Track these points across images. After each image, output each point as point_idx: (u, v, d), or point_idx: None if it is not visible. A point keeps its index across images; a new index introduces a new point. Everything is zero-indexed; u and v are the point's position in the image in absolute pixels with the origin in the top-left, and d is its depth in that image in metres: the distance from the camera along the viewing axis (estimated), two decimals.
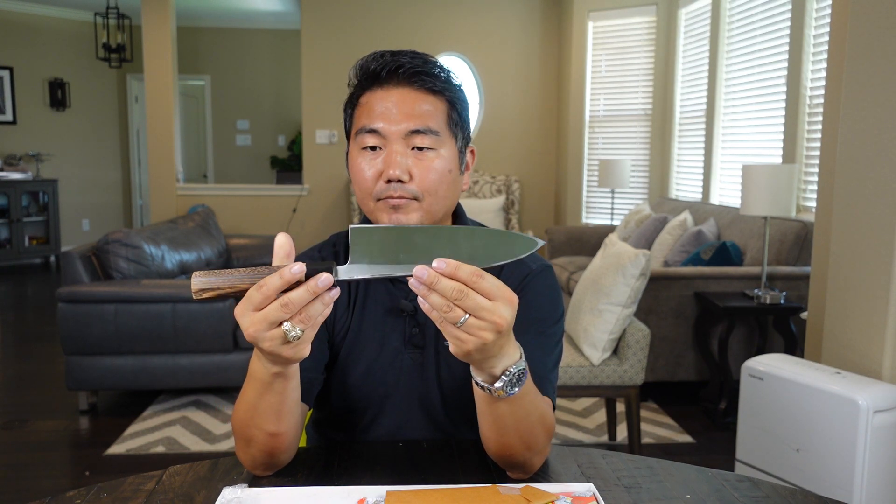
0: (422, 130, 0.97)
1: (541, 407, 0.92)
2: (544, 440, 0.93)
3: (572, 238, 5.23)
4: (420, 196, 0.98)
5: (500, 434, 0.89)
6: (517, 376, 0.81)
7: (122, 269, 3.30)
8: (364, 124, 0.98)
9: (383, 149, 0.98)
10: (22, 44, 7.58)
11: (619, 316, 2.49)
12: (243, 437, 0.92)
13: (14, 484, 2.58)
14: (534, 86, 6.59)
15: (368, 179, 0.98)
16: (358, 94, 1.02)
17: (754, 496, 0.92)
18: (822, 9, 3.60)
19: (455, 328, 0.74)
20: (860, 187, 2.16)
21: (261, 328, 0.73)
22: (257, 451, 0.92)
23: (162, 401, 3.40)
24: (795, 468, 2.12)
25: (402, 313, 1.05)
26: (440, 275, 0.71)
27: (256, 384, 0.85)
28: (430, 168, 0.98)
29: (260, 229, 6.32)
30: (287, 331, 0.73)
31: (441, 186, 0.99)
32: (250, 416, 0.89)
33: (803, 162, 3.77)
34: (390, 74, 0.99)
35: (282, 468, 0.96)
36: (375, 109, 0.98)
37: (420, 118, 0.98)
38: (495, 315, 0.73)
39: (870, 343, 2.12)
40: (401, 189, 0.96)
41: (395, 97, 0.98)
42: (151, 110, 6.14)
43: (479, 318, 0.73)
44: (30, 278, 6.97)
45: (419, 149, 0.98)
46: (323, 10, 6.38)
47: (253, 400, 0.87)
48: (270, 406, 0.87)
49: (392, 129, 0.97)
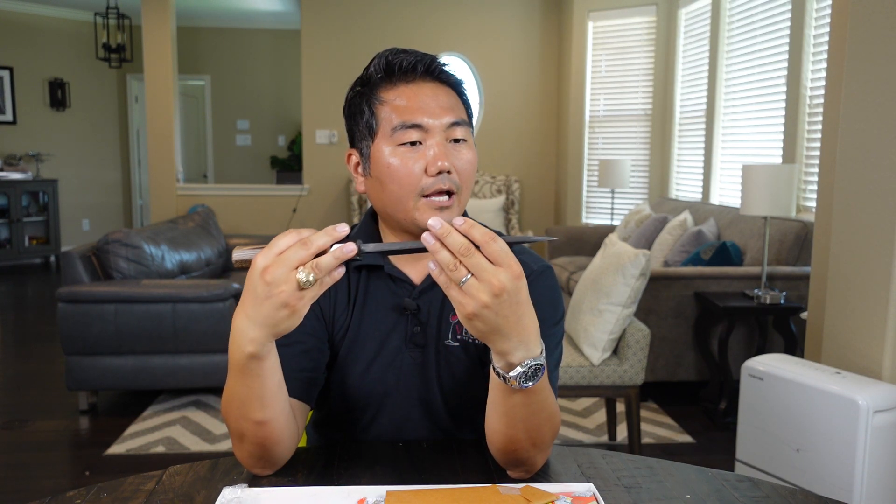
0: (458, 122, 0.99)
1: (552, 406, 0.92)
2: (549, 438, 0.94)
3: (572, 238, 5.23)
4: (459, 189, 0.99)
5: (509, 426, 0.89)
6: (534, 370, 0.82)
7: (122, 269, 3.30)
8: (403, 120, 0.97)
9: (423, 143, 0.98)
10: (22, 44, 7.58)
11: (619, 316, 2.49)
12: (236, 433, 0.92)
13: (14, 484, 2.58)
14: (534, 86, 6.59)
15: (413, 175, 0.97)
16: (377, 89, 1.01)
17: (754, 496, 0.92)
18: (822, 9, 3.60)
19: (458, 290, 0.76)
20: (860, 187, 2.16)
21: (277, 266, 0.76)
22: (250, 445, 0.91)
23: (162, 401, 3.40)
24: (795, 468, 2.12)
25: (405, 311, 1.05)
26: (453, 228, 0.75)
27: (235, 372, 0.86)
28: (466, 160, 1.00)
29: (260, 229, 6.32)
30: (301, 276, 0.76)
31: (472, 178, 1.02)
32: (236, 408, 0.89)
33: (803, 162, 3.77)
34: (425, 69, 1.00)
35: (281, 468, 0.96)
36: (411, 104, 0.98)
37: (454, 111, 1.00)
38: (493, 277, 0.75)
39: (870, 343, 2.12)
40: (448, 181, 0.97)
41: (428, 91, 0.99)
42: (151, 110, 6.14)
43: (479, 280, 0.75)
44: (30, 278, 6.97)
45: (455, 141, 0.99)
46: (323, 10, 6.38)
47: (235, 389, 0.87)
48: (252, 392, 0.86)
49: (434, 123, 0.98)
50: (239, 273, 4.50)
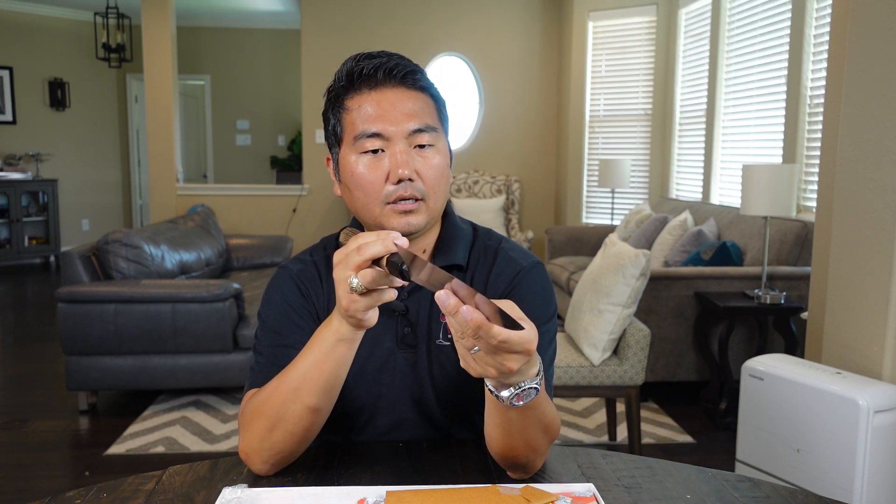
0: (423, 129, 0.98)
1: (550, 416, 0.93)
2: (548, 444, 0.95)
3: (572, 238, 5.23)
4: (426, 195, 0.98)
5: (506, 436, 0.90)
6: (527, 393, 0.81)
7: (121, 269, 3.29)
8: (363, 128, 0.97)
9: (385, 150, 0.97)
10: (22, 44, 7.58)
11: (619, 316, 2.49)
12: (272, 418, 0.91)
13: (14, 484, 2.58)
14: (534, 86, 6.59)
15: (375, 183, 0.97)
16: (342, 97, 1.00)
17: (754, 496, 0.92)
18: (822, 9, 3.60)
19: (466, 351, 0.76)
20: (860, 187, 2.16)
21: (341, 269, 0.81)
22: (284, 435, 0.92)
23: (162, 401, 3.40)
24: (795, 468, 2.12)
25: (395, 313, 1.04)
26: (459, 305, 0.72)
27: (317, 351, 0.88)
28: (432, 165, 0.98)
29: (260, 229, 6.32)
30: (350, 282, 0.80)
31: (441, 183, 1.00)
32: (294, 389, 0.90)
33: (803, 162, 3.77)
34: (386, 75, 0.98)
35: (281, 468, 0.96)
36: (372, 112, 0.97)
37: (419, 116, 0.98)
38: (506, 362, 0.75)
39: (870, 343, 2.12)
40: (411, 188, 0.96)
41: (391, 98, 0.98)
42: (151, 110, 6.14)
43: (488, 354, 0.75)
44: (30, 278, 6.96)
45: (420, 147, 0.98)
46: (323, 10, 6.38)
47: (306, 368, 0.89)
48: (323, 375, 0.89)
49: (395, 130, 0.96)
50: (238, 273, 4.49)
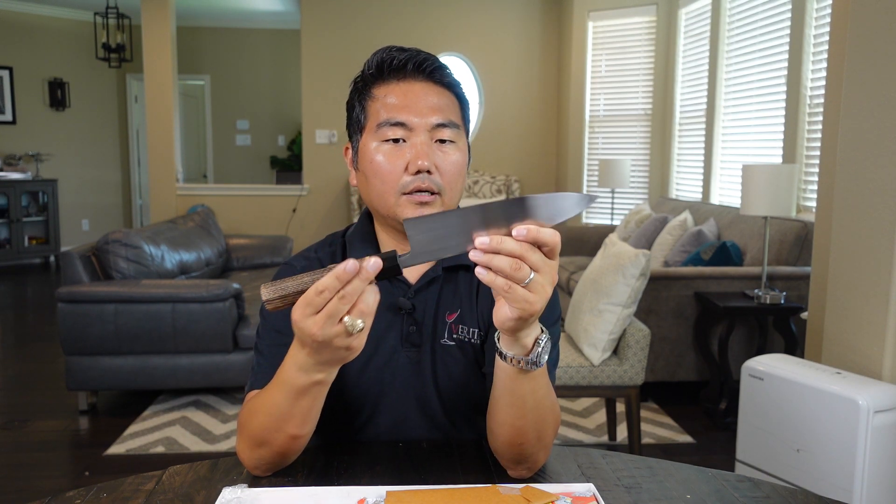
0: (445, 124, 0.99)
1: (554, 397, 0.94)
2: (552, 434, 0.95)
3: (572, 238, 5.23)
4: (443, 190, 0.99)
5: (518, 416, 0.89)
6: (547, 345, 0.83)
7: (121, 269, 3.29)
8: (388, 117, 0.98)
9: (406, 141, 0.98)
10: (22, 44, 7.58)
11: (619, 316, 2.49)
12: (257, 440, 0.91)
13: (14, 484, 2.58)
14: (534, 86, 6.59)
15: (394, 172, 0.98)
16: (370, 85, 1.02)
17: (754, 496, 0.92)
18: (822, 9, 3.60)
19: (523, 290, 0.74)
20: (860, 187, 2.16)
21: (327, 326, 0.75)
22: (270, 454, 0.92)
23: (162, 401, 3.40)
24: (795, 468, 2.12)
25: (400, 311, 1.04)
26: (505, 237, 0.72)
27: (289, 390, 0.85)
28: (451, 161, 1.00)
29: (260, 229, 6.32)
30: (349, 326, 0.75)
31: (458, 180, 1.01)
32: (275, 421, 0.88)
33: (803, 162, 3.77)
34: (415, 68, 1.00)
35: (275, 472, 0.96)
36: (398, 102, 0.98)
37: (443, 112, 0.99)
38: (552, 268, 0.75)
39: (870, 343, 2.12)
40: (428, 180, 0.97)
41: (417, 90, 0.99)
42: (151, 110, 6.14)
43: (542, 274, 0.74)
44: (30, 278, 6.96)
45: (441, 142, 0.99)
46: (323, 10, 6.38)
47: (284, 405, 0.87)
48: (301, 410, 0.87)
49: (419, 122, 0.98)
50: (238, 273, 4.49)
